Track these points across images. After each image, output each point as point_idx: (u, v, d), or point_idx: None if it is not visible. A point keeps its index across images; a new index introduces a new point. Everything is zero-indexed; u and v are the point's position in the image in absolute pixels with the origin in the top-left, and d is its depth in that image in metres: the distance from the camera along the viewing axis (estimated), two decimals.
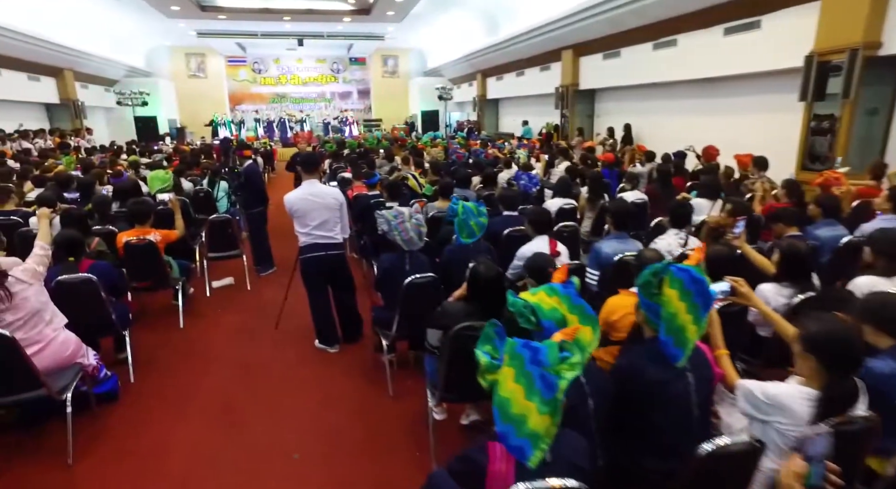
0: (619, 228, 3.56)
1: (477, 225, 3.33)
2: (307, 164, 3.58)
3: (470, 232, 3.33)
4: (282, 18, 14.78)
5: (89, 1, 13.31)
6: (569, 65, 12.52)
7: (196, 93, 21.05)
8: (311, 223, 3.53)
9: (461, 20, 16.53)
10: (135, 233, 3.94)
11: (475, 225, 3.33)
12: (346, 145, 11.96)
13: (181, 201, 5.04)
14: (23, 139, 12.15)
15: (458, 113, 23.15)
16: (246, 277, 5.29)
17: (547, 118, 14.73)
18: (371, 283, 4.64)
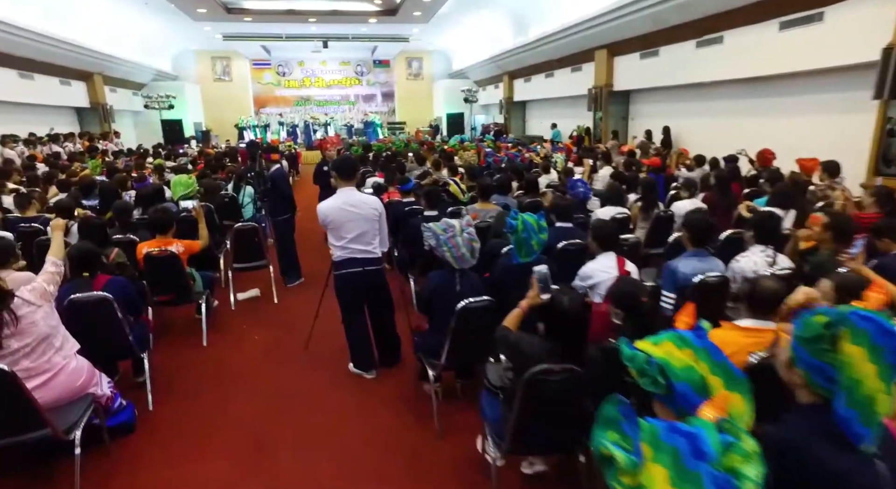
0: (697, 244, 3.12)
1: (538, 243, 2.93)
2: (343, 169, 3.22)
3: (529, 250, 2.93)
4: (307, 20, 14.62)
5: (119, 6, 13.35)
6: (603, 65, 12.03)
7: (221, 96, 21.11)
8: (348, 235, 3.17)
9: (488, 21, 16.17)
10: (156, 243, 3.65)
11: (536, 243, 2.93)
12: (373, 148, 11.70)
13: (206, 208, 4.77)
14: (53, 143, 12.18)
15: (483, 116, 22.75)
16: (273, 289, 4.97)
17: (577, 121, 14.24)
18: (408, 299, 4.29)
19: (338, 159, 3.35)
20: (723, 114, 9.39)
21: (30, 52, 11.84)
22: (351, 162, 3.32)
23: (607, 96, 12.11)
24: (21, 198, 4.63)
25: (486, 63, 18.75)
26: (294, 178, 13.89)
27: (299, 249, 5.49)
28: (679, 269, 2.96)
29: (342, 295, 3.32)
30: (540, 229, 2.96)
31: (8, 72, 11.76)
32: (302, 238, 5.61)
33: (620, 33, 10.93)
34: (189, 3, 12.50)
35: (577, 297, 1.90)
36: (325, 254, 3.37)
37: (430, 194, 4.33)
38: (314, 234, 6.93)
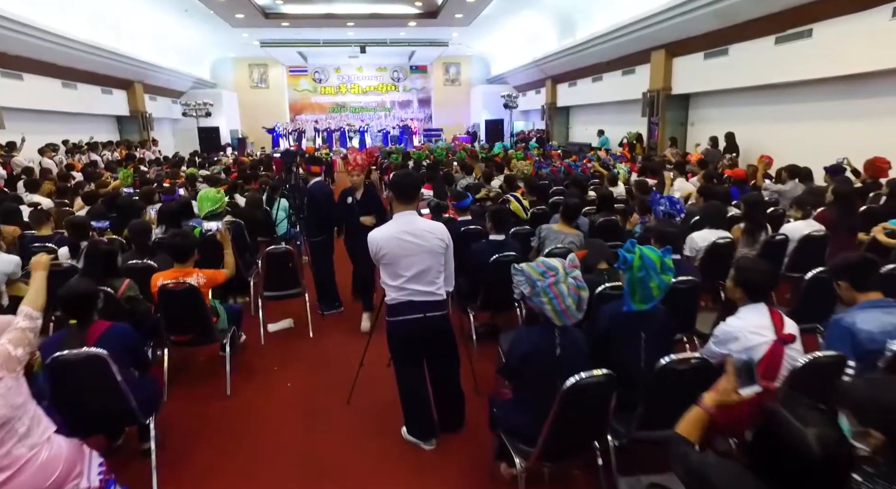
0: (863, 288, 2.30)
1: (659, 286, 2.18)
2: (403, 188, 2.53)
3: (646, 295, 2.19)
4: (345, 24, 14.21)
5: (161, 14, 13.28)
6: (660, 67, 11.11)
7: (258, 103, 21.03)
8: (406, 273, 2.49)
9: (531, 22, 15.45)
10: (173, 273, 3.05)
11: (657, 286, 2.18)
12: (412, 156, 11.09)
13: (234, 228, 4.20)
14: (91, 151, 12.07)
15: (523, 122, 21.97)
16: (308, 319, 4.34)
17: (627, 127, 13.32)
18: (465, 337, 3.58)
19: (397, 176, 2.61)
20: (804, 118, 8.36)
21: (73, 62, 11.83)
22: (412, 179, 2.62)
23: (664, 100, 11.17)
24: (37, 213, 4.16)
25: (528, 67, 18.00)
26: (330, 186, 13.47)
27: (338, 270, 4.87)
28: (860, 327, 2.14)
29: (396, 346, 2.62)
30: (663, 268, 2.21)
31: (52, 81, 11.76)
32: (341, 259, 4.98)
33: (682, 32, 10.03)
34: (228, 9, 12.24)
35: (831, 433, 1.08)
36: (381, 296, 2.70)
37: (497, 215, 3.61)
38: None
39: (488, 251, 3.52)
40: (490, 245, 3.58)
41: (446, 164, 9.39)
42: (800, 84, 8.07)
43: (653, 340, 2.28)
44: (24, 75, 10.85)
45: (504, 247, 3.56)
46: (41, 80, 11.37)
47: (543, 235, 3.81)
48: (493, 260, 3.47)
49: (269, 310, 4.47)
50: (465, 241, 4.02)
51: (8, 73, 10.44)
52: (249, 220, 5.40)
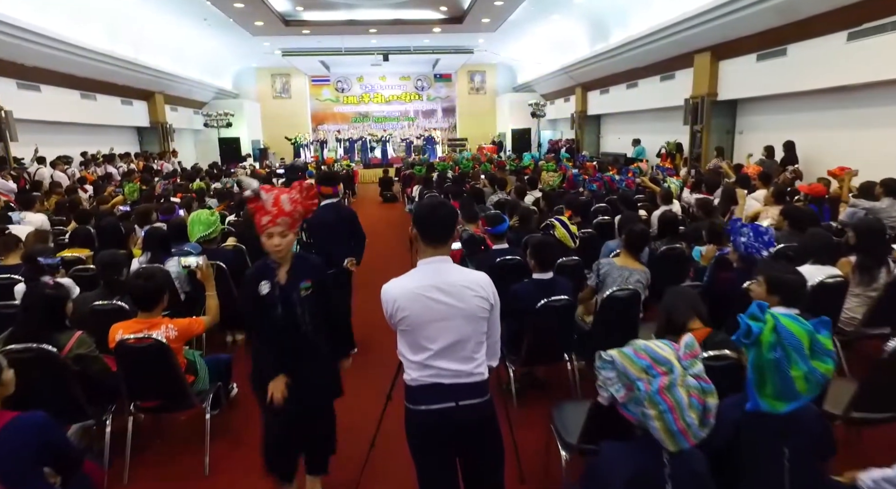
0: None
1: (808, 378, 1.41)
2: (432, 226, 1.81)
3: (786, 389, 1.43)
4: (367, 31, 13.73)
5: (181, 25, 13.05)
6: (704, 71, 10.25)
7: (280, 113, 20.78)
8: (433, 346, 1.77)
9: (561, 27, 14.73)
10: (135, 325, 2.41)
11: (802, 377, 1.41)
12: (435, 167, 10.44)
13: (235, 253, 3.57)
14: (108, 163, 11.78)
15: (550, 131, 21.20)
16: None
17: (665, 136, 12.44)
18: (502, 391, 2.83)
19: (423, 208, 1.85)
20: (880, 124, 7.40)
21: (92, 73, 11.63)
22: (444, 213, 1.83)
23: (709, 107, 10.28)
24: (4, 239, 3.60)
25: (557, 74, 17.27)
26: (349, 200, 12.89)
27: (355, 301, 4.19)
28: None
29: (417, 445, 1.87)
30: (816, 350, 1.44)
31: (70, 92, 11.56)
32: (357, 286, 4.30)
33: (731, 32, 9.18)
34: (247, 16, 11.88)
35: None
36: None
37: (543, 251, 2.85)
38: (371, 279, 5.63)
39: (534, 294, 2.79)
40: (536, 286, 2.84)
41: (473, 177, 8.69)
42: (876, 85, 7.13)
43: (799, 460, 1.51)
44: (41, 87, 10.64)
45: (553, 289, 2.82)
46: (59, 92, 11.16)
47: (604, 272, 3.05)
48: (541, 306, 2.73)
49: None
50: (501, 276, 3.30)
51: (25, 85, 10.23)
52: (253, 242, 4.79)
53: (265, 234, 2.09)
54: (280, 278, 2.16)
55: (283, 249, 2.12)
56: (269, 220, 2.07)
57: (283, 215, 2.08)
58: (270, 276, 2.16)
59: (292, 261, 2.18)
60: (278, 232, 2.08)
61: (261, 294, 2.14)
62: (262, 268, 2.20)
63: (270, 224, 2.07)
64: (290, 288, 2.15)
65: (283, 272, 2.17)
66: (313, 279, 2.21)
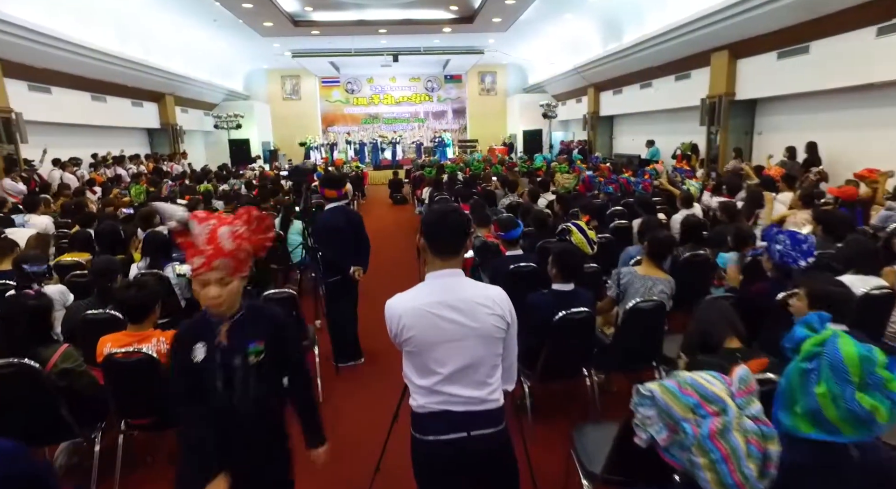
0: None
1: (840, 405, 1.18)
2: (441, 236, 1.63)
3: (816, 412, 1.20)
4: (377, 31, 13.60)
5: (191, 26, 13.03)
6: (722, 70, 9.97)
7: (290, 115, 20.75)
8: (442, 369, 1.58)
9: (573, 27, 14.50)
10: (125, 338, 2.25)
11: (830, 400, 1.19)
12: (445, 169, 10.27)
13: None
14: (118, 165, 11.77)
15: (562, 132, 20.94)
16: (317, 376, 3.49)
17: (680, 137, 12.17)
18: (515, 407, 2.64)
19: (431, 216, 1.66)
20: None
21: (103, 74, 11.64)
22: (454, 222, 1.63)
23: (727, 107, 10.00)
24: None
25: (569, 75, 17.02)
26: (359, 201, 12.75)
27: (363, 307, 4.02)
28: None
29: (425, 478, 1.68)
30: (867, 383, 1.22)
31: (81, 94, 11.56)
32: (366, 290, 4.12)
33: (750, 30, 8.91)
34: (256, 17, 11.81)
35: None
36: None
37: (566, 259, 2.64)
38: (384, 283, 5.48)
39: (552, 305, 2.59)
40: (555, 297, 2.65)
41: (484, 179, 8.50)
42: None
43: None
44: (52, 88, 10.64)
45: (573, 300, 2.62)
46: (70, 94, 11.17)
47: (625, 282, 2.85)
48: (560, 318, 2.53)
49: None
50: (515, 283, 3.11)
51: (36, 87, 10.22)
52: None
53: (198, 282, 1.52)
54: (221, 337, 1.56)
55: (225, 302, 1.53)
56: (202, 264, 1.48)
57: (222, 256, 1.48)
58: (208, 336, 1.57)
59: (239, 315, 1.59)
60: (216, 279, 1.49)
61: (193, 361, 1.57)
62: (198, 325, 1.61)
63: (204, 268, 1.48)
64: (233, 351, 1.58)
65: (223, 332, 1.57)
66: (268, 338, 1.60)
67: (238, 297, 1.58)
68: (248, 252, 1.55)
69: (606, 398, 3.16)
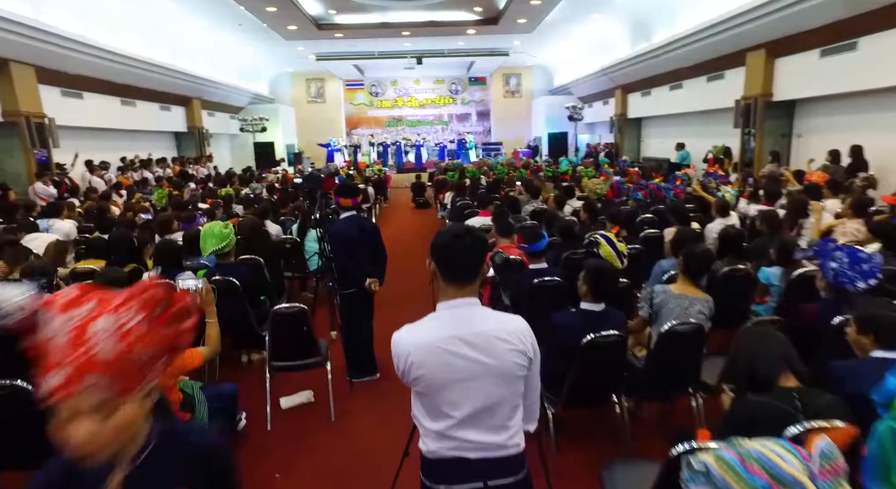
0: None
1: None
2: (453, 260, 1.44)
3: None
4: (401, 34, 13.52)
5: (217, 31, 13.19)
6: (758, 70, 9.52)
7: (314, 117, 20.87)
8: (456, 412, 1.39)
9: (601, 28, 14.17)
10: None
11: None
12: (467, 173, 10.08)
13: (253, 267, 3.31)
14: (144, 169, 11.95)
15: (588, 135, 20.53)
16: (329, 393, 3.34)
17: (712, 140, 11.72)
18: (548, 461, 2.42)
19: (441, 236, 1.47)
20: None
21: (132, 79, 11.84)
22: (468, 245, 1.43)
23: (763, 108, 9.54)
24: (13, 250, 3.44)
25: (595, 76, 16.65)
26: (381, 205, 12.66)
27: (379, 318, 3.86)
28: None
29: None
30: None
31: (111, 99, 11.78)
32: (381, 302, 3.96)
33: (790, 26, 8.47)
34: (279, 21, 11.85)
35: None
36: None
37: (600, 277, 2.41)
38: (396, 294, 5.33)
39: (580, 326, 2.38)
40: (583, 317, 2.43)
41: (508, 183, 8.27)
42: None
43: None
44: (84, 94, 10.86)
45: (604, 322, 2.40)
46: (101, 98, 11.39)
47: (659, 302, 2.61)
48: (589, 341, 2.32)
49: (280, 379, 3.51)
50: (539, 299, 2.89)
51: (68, 92, 10.45)
52: (274, 253, 4.53)
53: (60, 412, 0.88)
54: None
55: (99, 446, 0.90)
56: (61, 384, 0.86)
57: (98, 370, 0.87)
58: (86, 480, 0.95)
59: (144, 454, 0.98)
60: (89, 408, 0.88)
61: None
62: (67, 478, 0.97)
63: (64, 392, 0.86)
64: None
65: (117, 481, 0.95)
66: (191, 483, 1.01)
67: (136, 429, 0.96)
68: (149, 356, 0.93)
69: (638, 427, 2.92)
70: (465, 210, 6.69)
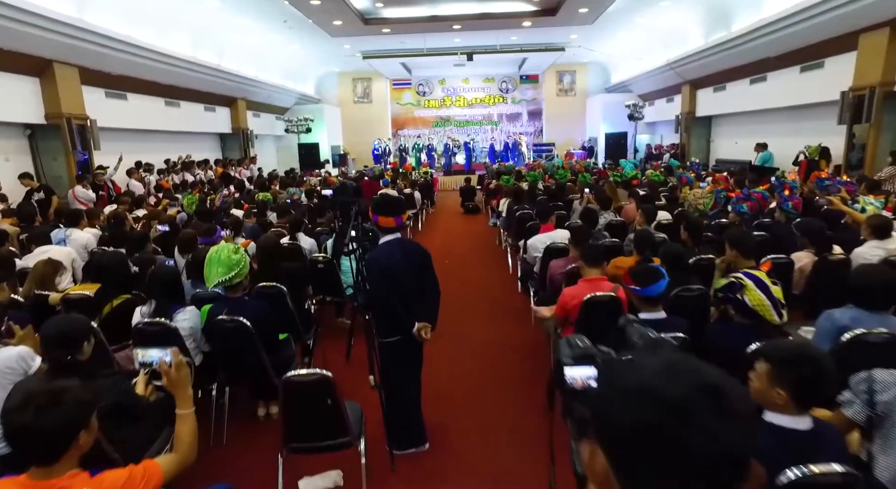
0: None
1: None
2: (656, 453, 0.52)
3: None
4: (451, 27, 12.67)
5: (262, 30, 12.83)
6: (876, 53, 8.05)
7: (360, 118, 20.40)
8: None
9: (669, 17, 12.83)
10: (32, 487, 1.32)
11: None
12: (526, 178, 9.10)
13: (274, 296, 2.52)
14: (185, 170, 11.64)
15: (648, 135, 19.07)
16: (362, 473, 2.49)
17: (805, 139, 10.24)
18: None
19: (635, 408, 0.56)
20: None
21: (176, 80, 11.60)
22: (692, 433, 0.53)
23: (881, 99, 8.07)
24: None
25: (660, 71, 15.30)
26: (428, 211, 11.85)
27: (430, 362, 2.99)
28: None
29: None
30: None
31: (155, 100, 11.57)
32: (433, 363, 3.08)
33: None
34: (325, 15, 11.26)
35: None
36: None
37: (802, 364, 1.41)
38: (449, 322, 4.47)
39: (775, 454, 1.39)
40: (779, 440, 1.43)
41: (572, 190, 7.27)
42: None
43: None
44: (128, 95, 10.63)
45: (814, 447, 1.40)
46: (144, 99, 11.17)
47: (889, 400, 1.58)
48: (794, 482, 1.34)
49: (300, 459, 2.69)
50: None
51: (112, 94, 10.23)
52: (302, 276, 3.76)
53: None
54: None
55: None
56: None
57: None
58: None
59: None
60: None
61: None
62: None
63: None
64: None
65: None
66: None
67: None
68: None
69: None
70: (526, 222, 5.75)
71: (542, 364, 4.00)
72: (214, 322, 2.72)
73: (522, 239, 5.64)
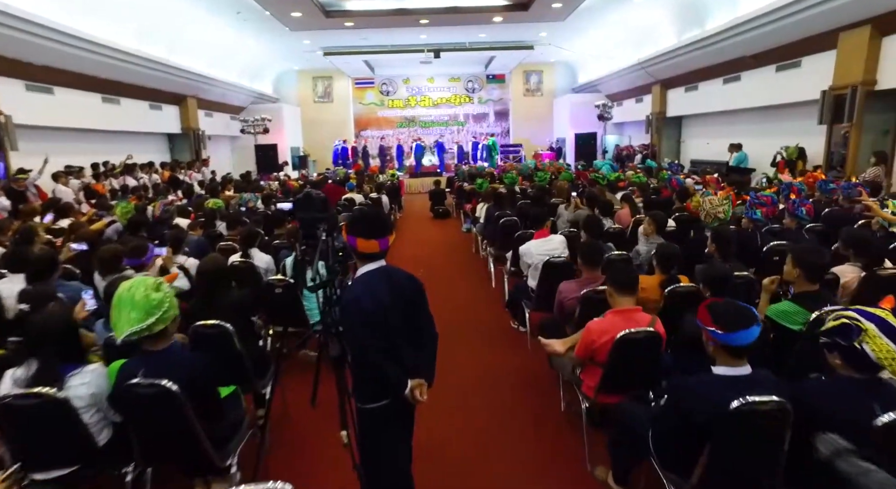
0: None
1: None
2: None
3: None
4: (417, 22, 11.97)
5: (215, 23, 11.80)
6: (857, 52, 7.85)
7: (321, 118, 19.44)
8: None
9: (642, 15, 12.58)
10: None
11: None
12: (505, 179, 8.50)
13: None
14: (127, 174, 10.47)
15: (616, 136, 18.92)
16: None
17: (779, 139, 10.13)
18: None
19: None
20: None
21: (116, 74, 10.46)
22: None
23: (863, 99, 7.88)
24: None
25: (629, 71, 15.07)
26: (395, 215, 11.09)
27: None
28: None
29: None
30: None
31: (90, 95, 10.34)
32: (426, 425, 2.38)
33: None
34: (283, 6, 10.37)
35: None
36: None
37: None
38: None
39: None
40: None
41: (559, 193, 6.71)
42: None
43: None
44: (54, 89, 9.41)
45: None
46: (76, 95, 9.94)
47: None
48: None
49: None
50: None
51: (35, 86, 8.99)
52: (255, 305, 3.01)
53: None
54: None
55: None
56: None
57: None
58: None
59: None
60: None
61: None
62: None
63: None
64: None
65: None
66: None
67: None
68: None
69: None
70: (513, 231, 5.12)
71: (549, 400, 3.37)
72: (127, 387, 1.94)
73: (510, 250, 5.01)
